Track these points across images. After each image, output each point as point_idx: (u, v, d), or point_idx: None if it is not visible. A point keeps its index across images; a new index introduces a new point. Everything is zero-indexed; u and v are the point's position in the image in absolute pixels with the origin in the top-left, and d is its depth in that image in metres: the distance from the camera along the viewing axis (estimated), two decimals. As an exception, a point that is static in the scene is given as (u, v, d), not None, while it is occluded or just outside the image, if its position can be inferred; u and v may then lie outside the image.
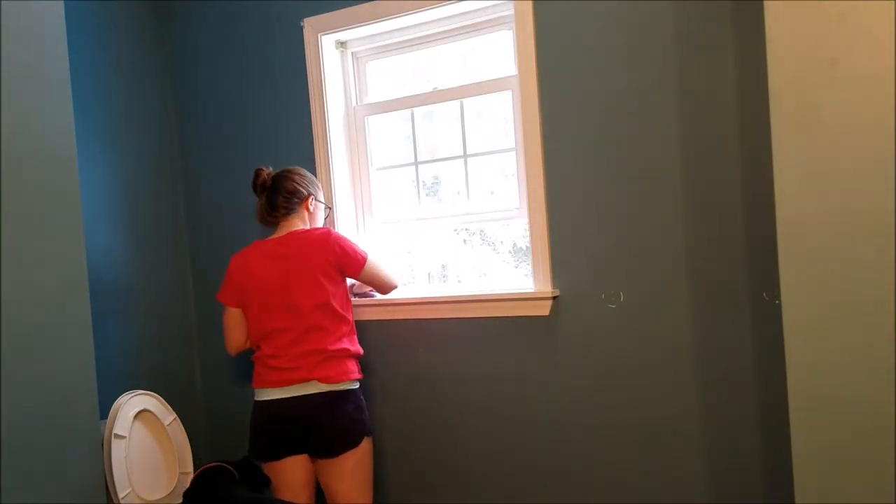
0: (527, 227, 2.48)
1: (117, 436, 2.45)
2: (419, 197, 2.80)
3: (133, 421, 2.54)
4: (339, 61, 2.84)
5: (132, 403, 2.57)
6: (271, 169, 2.46)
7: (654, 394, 2.32)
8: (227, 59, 3.00)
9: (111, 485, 2.39)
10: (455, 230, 2.78)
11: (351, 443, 2.31)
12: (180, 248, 3.14)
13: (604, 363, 2.38)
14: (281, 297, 2.32)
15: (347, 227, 2.80)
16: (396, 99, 2.78)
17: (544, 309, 2.44)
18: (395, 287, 2.53)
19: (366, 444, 2.35)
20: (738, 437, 2.22)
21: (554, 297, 2.43)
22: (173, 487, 2.63)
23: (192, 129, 3.11)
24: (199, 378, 3.17)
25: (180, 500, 2.64)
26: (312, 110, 2.79)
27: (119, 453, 2.44)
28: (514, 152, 2.58)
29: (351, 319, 2.40)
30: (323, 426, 2.29)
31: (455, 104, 2.70)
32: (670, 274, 2.27)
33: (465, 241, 2.77)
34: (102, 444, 2.38)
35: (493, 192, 2.68)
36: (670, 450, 2.31)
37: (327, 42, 2.79)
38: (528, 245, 2.48)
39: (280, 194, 2.39)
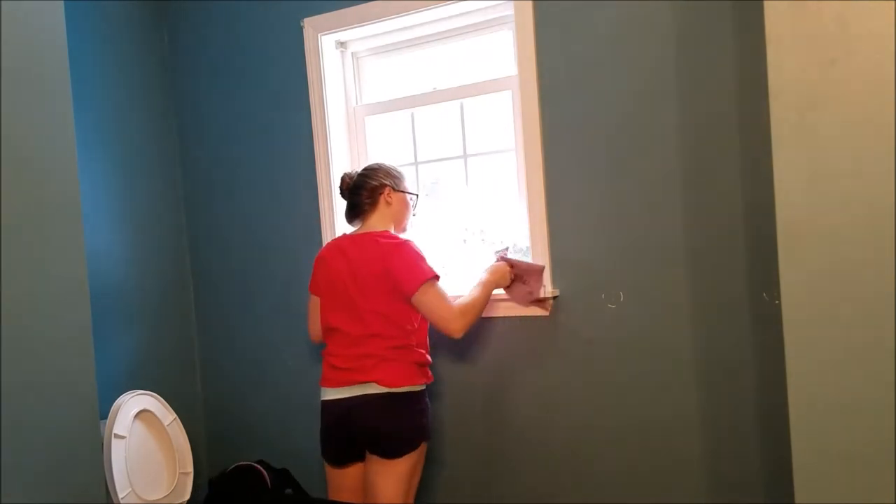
0: (527, 226, 2.48)
1: (117, 436, 2.45)
2: (419, 197, 2.80)
3: (133, 421, 2.54)
4: (339, 61, 2.84)
5: (132, 403, 2.57)
6: (354, 172, 2.40)
7: (654, 394, 2.32)
8: (226, 59, 3.00)
9: (111, 485, 2.39)
10: (455, 229, 2.78)
11: (409, 446, 2.21)
12: (180, 248, 3.14)
13: (603, 363, 2.38)
14: (345, 296, 2.25)
15: (346, 228, 2.80)
16: (396, 99, 2.78)
17: (544, 309, 2.44)
18: (452, 330, 2.16)
19: (422, 449, 2.26)
20: (738, 437, 2.22)
21: (554, 297, 2.43)
22: (173, 487, 2.63)
23: (191, 128, 3.11)
24: (199, 378, 3.17)
25: (180, 501, 2.65)
26: (312, 110, 2.79)
27: (119, 453, 2.44)
28: (513, 152, 2.58)
29: (417, 328, 2.26)
30: (381, 428, 2.20)
31: (455, 104, 2.69)
32: (670, 274, 2.27)
33: (464, 241, 2.77)
34: (102, 445, 2.38)
35: (493, 192, 2.68)
36: (670, 450, 2.31)
37: (327, 42, 2.79)
38: (528, 245, 2.48)
39: (360, 194, 2.33)
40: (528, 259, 2.46)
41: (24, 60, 2.03)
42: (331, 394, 2.28)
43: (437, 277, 2.20)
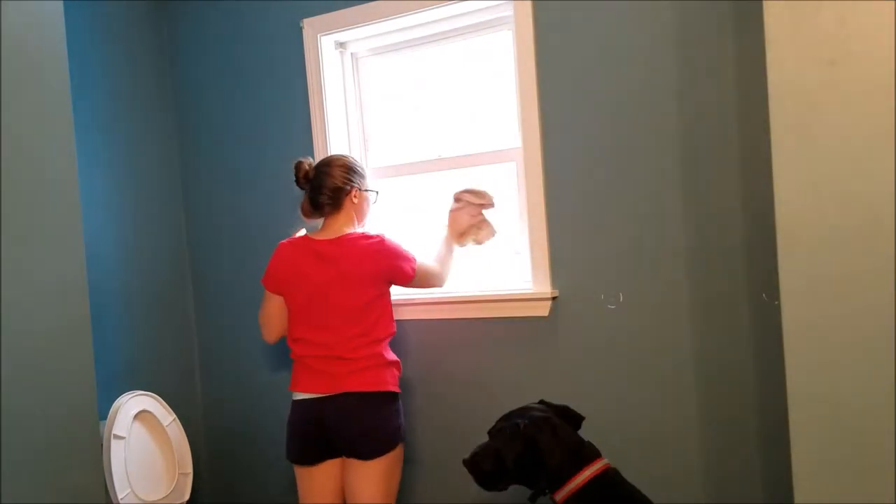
0: (527, 227, 2.48)
1: (117, 436, 2.45)
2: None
3: (133, 421, 2.54)
4: (339, 62, 2.84)
5: (132, 404, 2.57)
6: (311, 160, 2.39)
7: (654, 394, 2.32)
8: (226, 60, 3.00)
9: (110, 485, 2.39)
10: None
11: (385, 447, 2.25)
12: (180, 248, 3.14)
13: (603, 364, 2.38)
14: (324, 301, 2.26)
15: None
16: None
17: (543, 309, 2.44)
18: (445, 280, 2.48)
19: (398, 451, 2.30)
20: (738, 438, 2.22)
21: (553, 298, 2.43)
22: (172, 488, 2.63)
23: (191, 129, 3.11)
24: (199, 378, 3.16)
25: (180, 501, 2.65)
26: (312, 110, 2.79)
27: (118, 454, 2.44)
28: (513, 151, 2.58)
29: (392, 330, 2.34)
30: (357, 429, 2.23)
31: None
32: (669, 275, 2.27)
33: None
34: (102, 445, 2.38)
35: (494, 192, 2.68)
36: (670, 450, 2.31)
37: (326, 42, 2.79)
38: (528, 245, 2.48)
39: (323, 193, 2.30)
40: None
41: (24, 60, 2.03)
42: (309, 394, 2.29)
43: (415, 259, 2.36)
